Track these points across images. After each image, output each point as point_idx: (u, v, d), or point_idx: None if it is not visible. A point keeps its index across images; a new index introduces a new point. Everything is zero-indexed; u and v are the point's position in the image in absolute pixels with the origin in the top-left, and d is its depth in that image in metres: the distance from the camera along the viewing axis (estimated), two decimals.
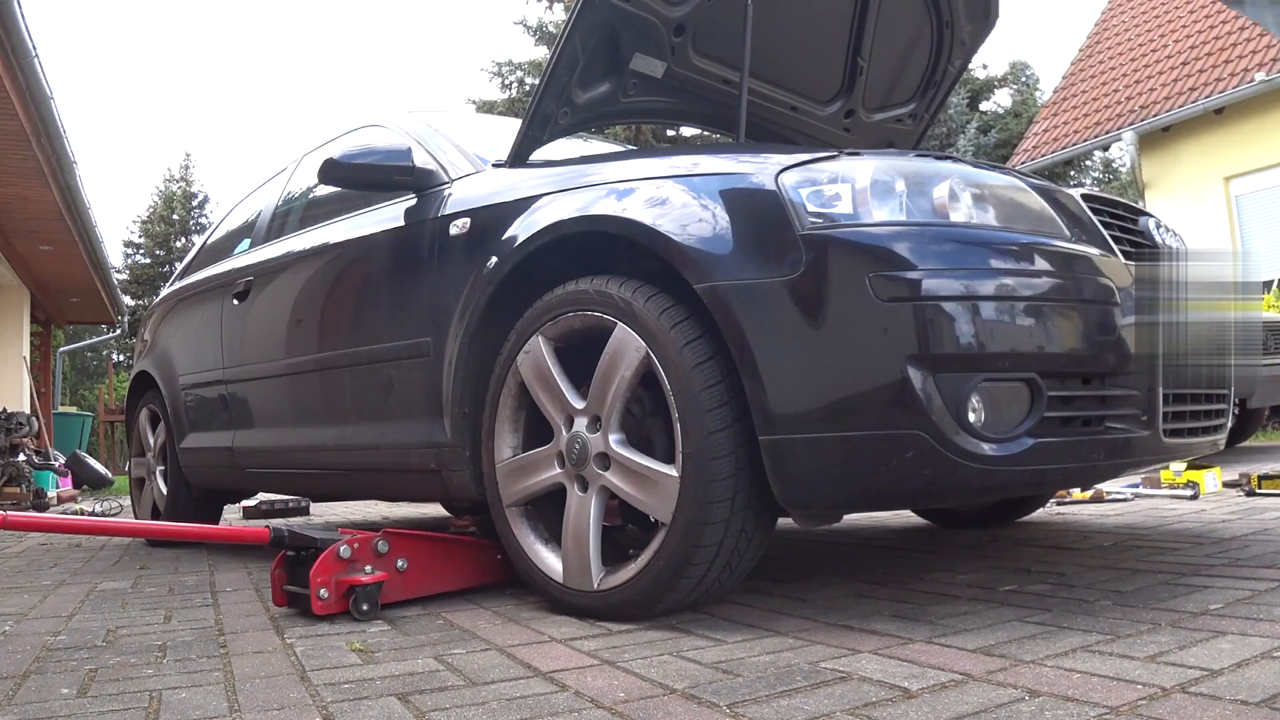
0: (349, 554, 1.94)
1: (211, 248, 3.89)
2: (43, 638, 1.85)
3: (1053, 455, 1.56)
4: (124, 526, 1.91)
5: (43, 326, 12.12)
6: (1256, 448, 6.32)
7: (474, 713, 1.23)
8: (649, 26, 2.22)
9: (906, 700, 1.18)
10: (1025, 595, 1.79)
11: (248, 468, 3.08)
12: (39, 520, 1.91)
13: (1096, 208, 1.84)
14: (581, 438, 1.81)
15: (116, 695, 1.39)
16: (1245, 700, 1.09)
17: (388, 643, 1.68)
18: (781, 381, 1.54)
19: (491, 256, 2.04)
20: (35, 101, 5.77)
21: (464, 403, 2.11)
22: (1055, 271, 1.59)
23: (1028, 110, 20.30)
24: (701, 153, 1.84)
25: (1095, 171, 22.67)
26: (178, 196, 31.35)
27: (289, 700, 1.32)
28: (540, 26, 18.51)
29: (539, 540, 1.95)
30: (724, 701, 1.22)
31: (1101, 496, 3.43)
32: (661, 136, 15.96)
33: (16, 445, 7.46)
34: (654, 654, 1.50)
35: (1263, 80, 8.34)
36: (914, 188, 1.61)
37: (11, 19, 5.00)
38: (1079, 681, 1.21)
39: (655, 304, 1.70)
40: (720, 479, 1.60)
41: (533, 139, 2.21)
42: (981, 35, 2.92)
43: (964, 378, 1.49)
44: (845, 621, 1.67)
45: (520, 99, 18.73)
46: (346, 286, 2.63)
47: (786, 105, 2.82)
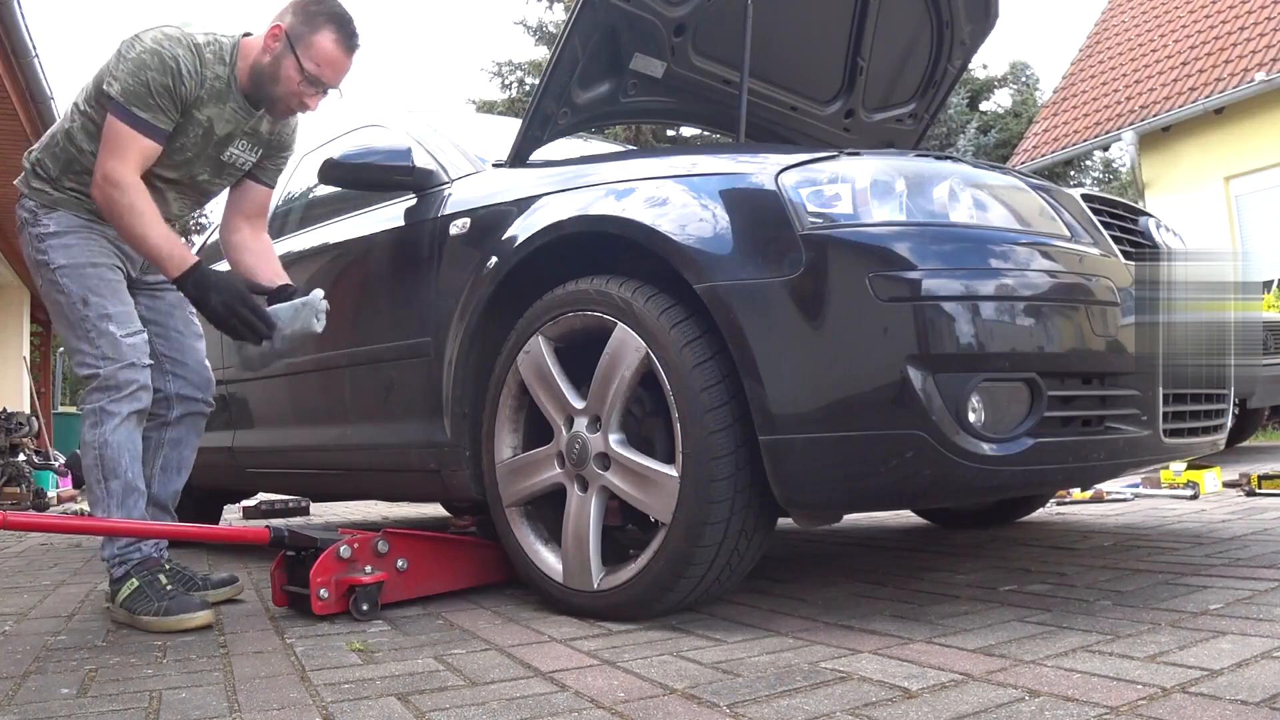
0: (349, 554, 1.94)
1: (212, 248, 3.89)
2: (43, 638, 1.85)
3: (1053, 455, 1.56)
4: (124, 527, 1.91)
5: (43, 327, 12.12)
6: (1256, 448, 6.32)
7: (474, 713, 1.23)
8: (649, 26, 2.22)
9: (906, 700, 1.18)
10: (1025, 595, 1.79)
11: (248, 468, 3.08)
12: (39, 520, 1.91)
13: (1096, 208, 1.84)
14: (581, 438, 1.81)
15: (116, 695, 1.39)
16: (1245, 700, 1.09)
17: (388, 643, 1.68)
18: (781, 381, 1.54)
19: (491, 256, 2.04)
20: (35, 101, 5.76)
21: (464, 403, 2.11)
22: (1055, 271, 1.59)
23: (1028, 110, 20.29)
24: (701, 153, 1.84)
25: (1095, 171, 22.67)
26: None
27: (289, 700, 1.32)
28: (540, 26, 18.50)
29: (539, 540, 1.95)
30: (724, 701, 1.22)
31: (1101, 496, 3.43)
32: (661, 136, 15.95)
33: (16, 445, 7.46)
34: (654, 654, 1.50)
35: (1263, 80, 8.34)
36: (914, 188, 1.61)
37: (11, 19, 5.00)
38: (1079, 681, 1.21)
39: (655, 304, 1.70)
40: (720, 479, 1.60)
41: (533, 139, 2.21)
42: (981, 35, 2.92)
43: (964, 378, 1.49)
44: (845, 621, 1.67)
45: (520, 99, 18.72)
46: (346, 286, 2.63)
47: (786, 105, 2.82)
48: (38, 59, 5.38)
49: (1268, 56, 8.54)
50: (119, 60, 1.94)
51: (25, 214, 2.09)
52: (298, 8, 2.04)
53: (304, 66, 2.01)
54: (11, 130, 6.11)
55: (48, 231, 2.05)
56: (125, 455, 1.99)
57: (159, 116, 1.95)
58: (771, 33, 2.52)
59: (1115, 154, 16.69)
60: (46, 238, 2.04)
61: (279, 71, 2.02)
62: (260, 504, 4.95)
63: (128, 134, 1.92)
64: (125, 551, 2.00)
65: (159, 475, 2.21)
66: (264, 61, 2.03)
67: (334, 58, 2.04)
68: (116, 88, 1.92)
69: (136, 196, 1.93)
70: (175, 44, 1.95)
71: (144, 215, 1.94)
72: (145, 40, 1.95)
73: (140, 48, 1.93)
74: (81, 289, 2.01)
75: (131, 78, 1.91)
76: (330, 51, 2.02)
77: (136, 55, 1.92)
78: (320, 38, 2.01)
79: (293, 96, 2.06)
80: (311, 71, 2.02)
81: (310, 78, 2.02)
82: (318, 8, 2.03)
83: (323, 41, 2.01)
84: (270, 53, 2.02)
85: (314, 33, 2.01)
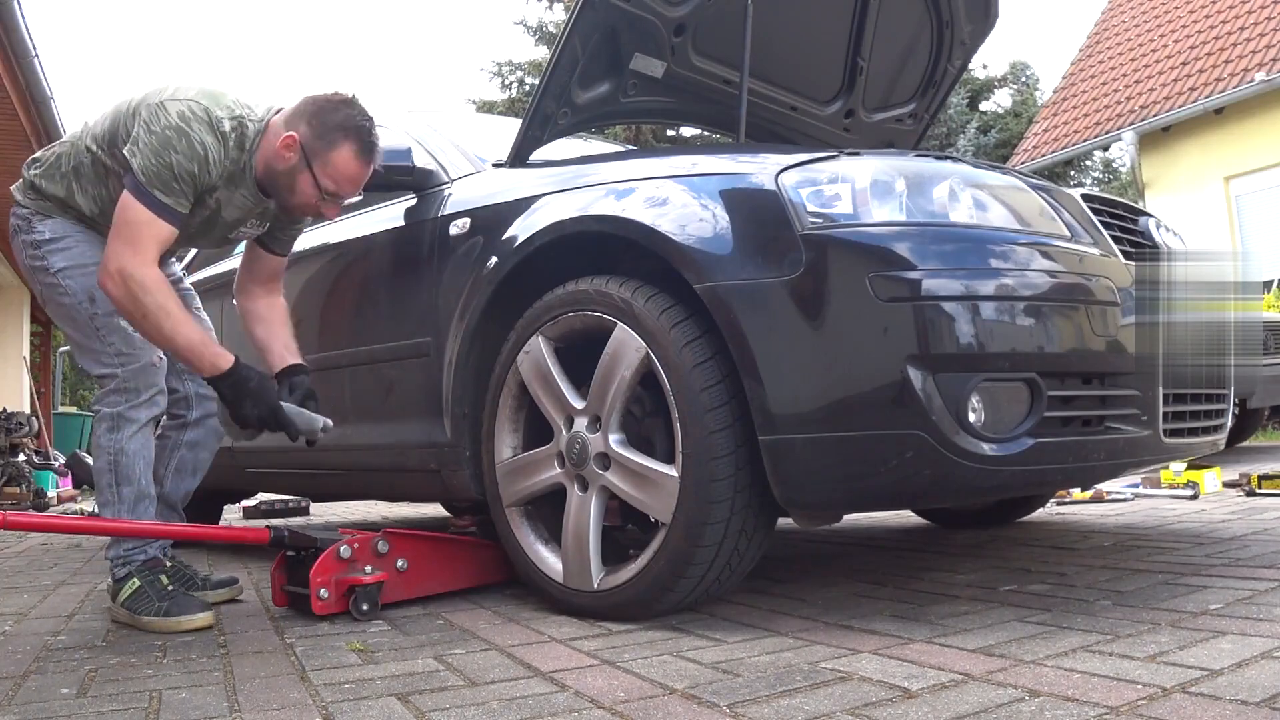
0: (349, 554, 1.94)
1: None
2: (43, 638, 1.85)
3: (1053, 455, 1.56)
4: (124, 527, 1.91)
5: (43, 327, 12.12)
6: (1256, 448, 6.32)
7: (474, 713, 1.23)
8: (649, 26, 2.22)
9: (906, 700, 1.18)
10: (1025, 595, 1.79)
11: (248, 468, 3.08)
12: (39, 520, 1.91)
13: (1096, 208, 1.84)
14: (581, 438, 1.81)
15: (116, 695, 1.39)
16: (1245, 700, 1.09)
17: (388, 643, 1.68)
18: (781, 381, 1.54)
19: (491, 256, 2.04)
20: (35, 102, 5.77)
21: (464, 403, 2.11)
22: (1055, 271, 1.59)
23: (1028, 110, 20.28)
24: (701, 153, 1.84)
25: (1095, 171, 22.66)
26: None
27: (289, 700, 1.32)
28: (540, 26, 18.50)
29: (539, 540, 1.95)
30: (724, 701, 1.22)
31: (1101, 496, 3.43)
32: (661, 136, 15.95)
33: (16, 445, 7.46)
34: (654, 654, 1.50)
35: (1263, 80, 8.33)
36: (914, 188, 1.61)
37: (11, 19, 5.00)
38: (1079, 681, 1.21)
39: (655, 304, 1.71)
40: (720, 479, 1.60)
41: (533, 139, 2.21)
42: (981, 35, 2.92)
43: (964, 378, 1.49)
44: (845, 621, 1.67)
45: (520, 99, 18.72)
46: (346, 286, 2.63)
47: (786, 105, 2.82)
48: (38, 59, 5.38)
49: (1268, 56, 8.54)
50: (145, 130, 1.82)
51: (18, 221, 2.03)
52: (312, 116, 1.90)
53: (322, 184, 1.91)
54: (11, 130, 6.11)
55: (43, 239, 1.98)
56: (140, 462, 1.98)
57: (179, 200, 1.84)
58: (771, 33, 2.52)
59: (1115, 154, 16.69)
60: (42, 244, 1.98)
61: (294, 184, 1.92)
62: (260, 504, 4.95)
63: (146, 218, 1.81)
64: (130, 553, 2.00)
65: (172, 475, 2.19)
66: (278, 168, 1.92)
67: (353, 173, 1.93)
68: (138, 162, 1.80)
69: (165, 297, 1.82)
70: (204, 129, 1.83)
71: (173, 315, 1.83)
72: (172, 114, 1.82)
73: (166, 122, 1.81)
74: (86, 286, 1.95)
75: (155, 156, 1.80)
76: (350, 169, 1.91)
77: (162, 131, 1.80)
78: (338, 155, 1.89)
79: (309, 208, 1.98)
80: (330, 189, 1.92)
81: (329, 194, 1.93)
82: (335, 118, 1.89)
83: (341, 159, 1.90)
84: (285, 162, 1.90)
85: (331, 149, 1.89)
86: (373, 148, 1.94)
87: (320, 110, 1.90)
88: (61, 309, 2.00)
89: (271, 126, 1.93)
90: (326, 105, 1.91)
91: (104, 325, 1.97)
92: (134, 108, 1.89)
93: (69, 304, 1.98)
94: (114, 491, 1.96)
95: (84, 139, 1.97)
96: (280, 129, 1.91)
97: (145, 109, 1.85)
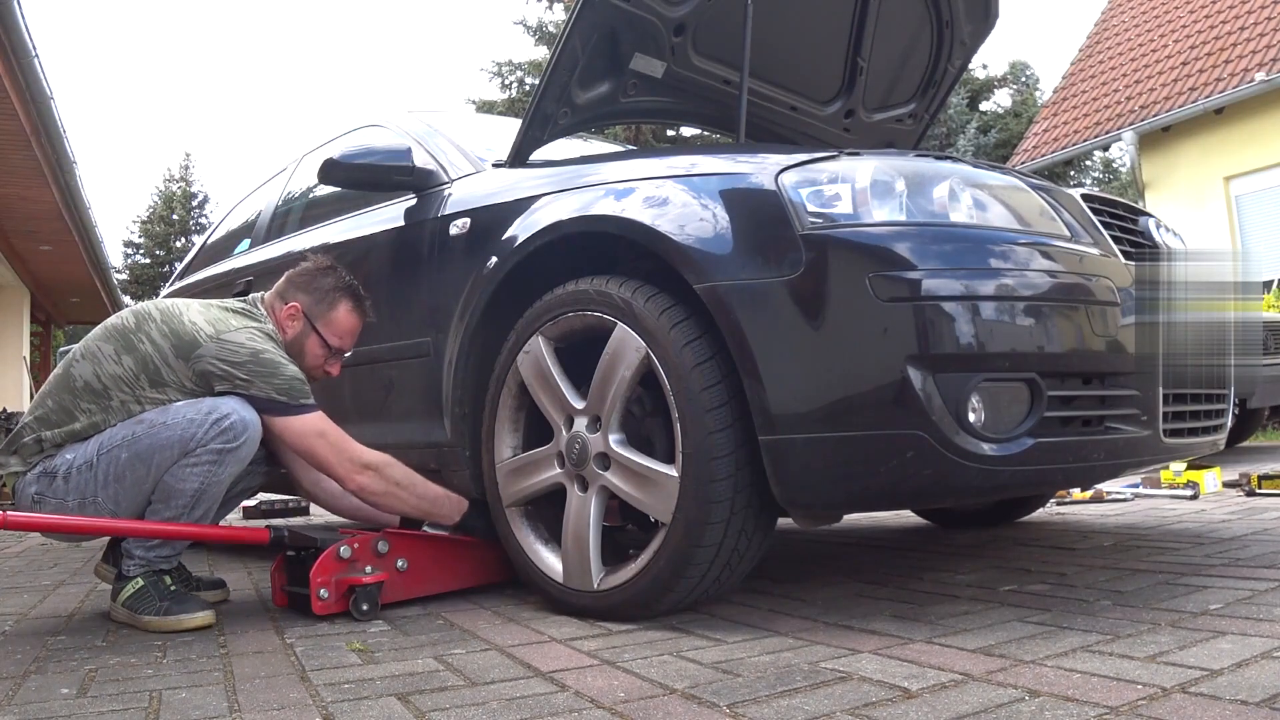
0: (349, 554, 1.94)
1: (212, 248, 3.89)
2: (43, 638, 1.85)
3: (1053, 455, 1.56)
4: (124, 526, 1.90)
5: (43, 326, 12.13)
6: (1256, 448, 6.32)
7: (474, 713, 1.23)
8: (649, 26, 2.22)
9: (906, 700, 1.18)
10: (1025, 595, 1.79)
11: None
12: (39, 520, 1.91)
13: (1096, 208, 1.84)
14: (581, 438, 1.81)
15: (116, 695, 1.39)
16: (1245, 700, 1.09)
17: (388, 643, 1.68)
18: (781, 381, 1.54)
19: (491, 256, 2.04)
20: (35, 101, 5.78)
21: (464, 403, 2.11)
22: (1055, 271, 1.59)
23: (1028, 110, 20.30)
24: (701, 153, 1.84)
25: (1095, 171, 22.67)
26: (177, 197, 31.36)
27: (289, 700, 1.32)
28: (540, 26, 18.51)
29: (539, 540, 1.95)
30: (724, 701, 1.22)
31: (1101, 496, 3.43)
32: (661, 136, 15.96)
33: None
34: (654, 654, 1.50)
35: (1263, 80, 8.33)
36: (914, 188, 1.60)
37: (11, 19, 5.01)
38: (1079, 681, 1.21)
39: (655, 304, 1.70)
40: (720, 479, 1.60)
41: (533, 139, 2.21)
42: (981, 35, 2.92)
43: (964, 378, 1.49)
44: (845, 621, 1.67)
45: (520, 99, 18.73)
46: None
47: (786, 105, 2.82)
48: (38, 59, 5.39)
49: (1268, 56, 8.54)
50: (237, 369, 1.91)
51: (34, 488, 1.91)
52: (306, 284, 2.13)
53: (329, 342, 2.14)
54: (11, 130, 6.12)
55: (82, 460, 1.89)
56: (217, 497, 1.97)
57: (310, 392, 2.01)
58: (771, 33, 2.52)
59: (1115, 154, 16.71)
60: (82, 464, 1.89)
61: (303, 348, 2.12)
62: (260, 504, 4.94)
63: (321, 421, 1.97)
64: (159, 559, 1.96)
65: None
66: (284, 338, 2.10)
67: (354, 326, 2.18)
68: (270, 392, 1.91)
69: (397, 464, 2.02)
70: (264, 338, 1.99)
71: (415, 474, 2.04)
72: (244, 341, 1.94)
73: (250, 351, 1.93)
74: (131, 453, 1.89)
75: (275, 377, 1.93)
76: (350, 322, 2.16)
77: (256, 359, 1.92)
78: (338, 314, 2.14)
79: (316, 369, 2.16)
80: (335, 345, 2.15)
81: (334, 350, 2.16)
82: (327, 283, 2.13)
83: (342, 315, 2.14)
84: (291, 330, 2.11)
85: (332, 309, 2.13)
86: (364, 301, 2.18)
87: (311, 279, 2.14)
88: (172, 429, 1.90)
89: (269, 307, 2.14)
90: (315, 273, 2.15)
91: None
92: (172, 353, 1.92)
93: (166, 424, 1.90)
94: (188, 514, 1.91)
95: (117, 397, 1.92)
96: (279, 305, 2.13)
97: (210, 352, 1.92)
